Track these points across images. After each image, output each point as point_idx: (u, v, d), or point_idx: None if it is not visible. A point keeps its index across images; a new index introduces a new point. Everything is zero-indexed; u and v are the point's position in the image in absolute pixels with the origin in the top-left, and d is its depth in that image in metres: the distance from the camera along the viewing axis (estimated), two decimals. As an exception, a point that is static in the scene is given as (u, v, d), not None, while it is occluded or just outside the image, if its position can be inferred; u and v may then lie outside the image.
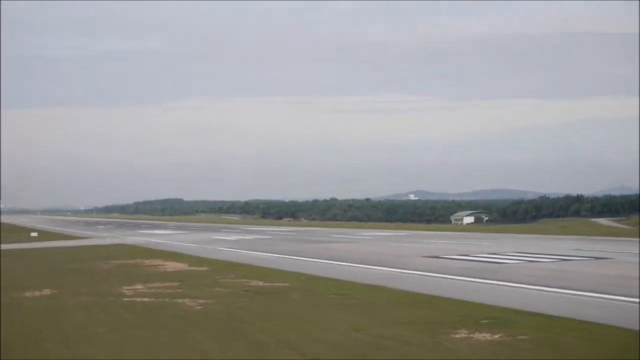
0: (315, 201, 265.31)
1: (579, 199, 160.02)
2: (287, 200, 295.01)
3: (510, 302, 18.31)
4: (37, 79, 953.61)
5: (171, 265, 33.30)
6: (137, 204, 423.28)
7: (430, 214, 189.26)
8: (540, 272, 25.81)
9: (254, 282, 25.12)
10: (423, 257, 33.79)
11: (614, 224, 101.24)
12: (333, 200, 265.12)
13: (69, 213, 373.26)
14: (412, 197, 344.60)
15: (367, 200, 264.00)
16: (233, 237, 61.16)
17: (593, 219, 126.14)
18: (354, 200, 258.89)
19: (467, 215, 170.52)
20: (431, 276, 25.45)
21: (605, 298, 18.85)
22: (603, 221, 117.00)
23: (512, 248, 38.43)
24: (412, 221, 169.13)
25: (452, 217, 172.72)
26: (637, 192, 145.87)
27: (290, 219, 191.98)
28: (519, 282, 22.47)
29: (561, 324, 15.21)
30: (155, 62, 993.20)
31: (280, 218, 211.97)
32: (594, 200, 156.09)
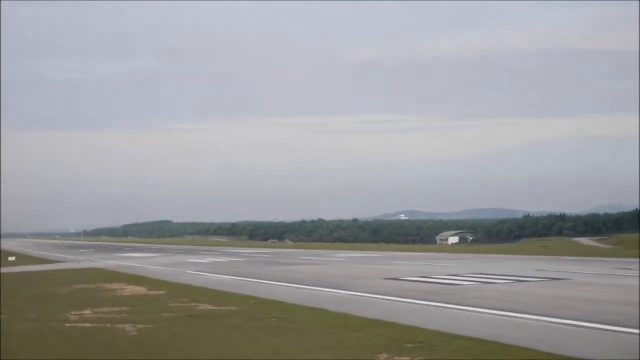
0: (302, 222, 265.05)
1: (562, 217, 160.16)
2: (276, 221, 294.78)
3: (444, 325, 18.26)
4: (31, 102, 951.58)
5: (130, 289, 33.23)
6: (125, 226, 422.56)
7: (415, 234, 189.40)
8: (490, 293, 25.78)
9: (202, 306, 25.08)
10: (383, 279, 33.73)
11: (594, 243, 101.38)
12: (320, 220, 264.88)
13: (58, 236, 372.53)
14: (402, 217, 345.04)
15: (355, 220, 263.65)
16: (207, 260, 61.03)
17: (575, 238, 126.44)
18: (341, 220, 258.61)
19: (452, 235, 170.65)
20: (380, 299, 25.41)
21: (539, 320, 18.79)
22: (584, 240, 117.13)
23: (475, 269, 38.37)
24: (397, 241, 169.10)
25: (438, 237, 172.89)
26: (622, 211, 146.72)
27: (275, 240, 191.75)
28: (463, 305, 22.42)
29: (482, 347, 15.15)
30: (150, 82, 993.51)
31: (267, 239, 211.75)
32: (576, 219, 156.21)
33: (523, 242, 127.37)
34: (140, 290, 32.91)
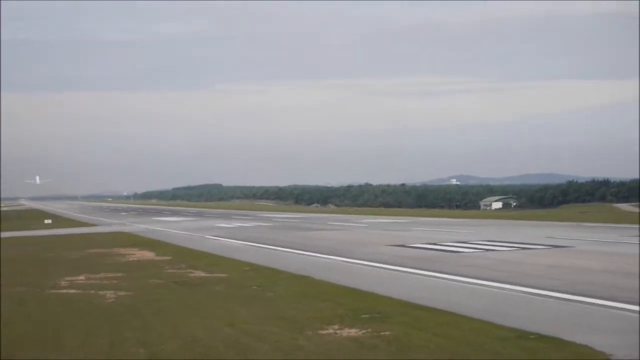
0: (349, 187, 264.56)
1: (605, 183, 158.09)
2: (327, 186, 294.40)
3: (414, 295, 18.25)
4: (87, 62, 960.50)
5: (139, 255, 33.65)
6: (175, 189, 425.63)
7: (460, 199, 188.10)
8: (483, 261, 25.64)
9: (195, 273, 25.33)
10: (388, 245, 33.73)
11: (634, 209, 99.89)
12: (367, 185, 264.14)
13: (110, 199, 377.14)
14: (454, 181, 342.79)
15: (402, 185, 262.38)
16: (234, 225, 61.43)
17: (616, 204, 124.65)
18: (388, 185, 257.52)
19: (495, 201, 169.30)
20: (372, 266, 25.41)
21: (510, 290, 18.62)
22: (624, 206, 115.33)
23: (489, 236, 38.10)
24: (442, 207, 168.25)
25: (482, 203, 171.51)
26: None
27: (318, 205, 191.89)
28: (449, 273, 22.33)
29: (434, 318, 15.08)
30: (201, 45, 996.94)
31: (312, 204, 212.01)
32: (620, 185, 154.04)
33: (564, 207, 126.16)
34: (148, 255, 33.27)
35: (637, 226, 43.78)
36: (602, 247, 30.44)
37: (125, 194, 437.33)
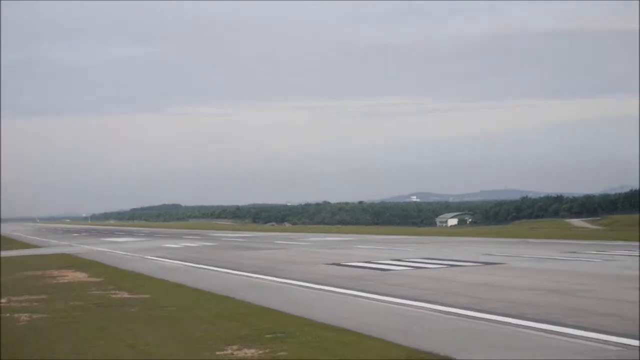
0: (307, 205, 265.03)
1: (558, 199, 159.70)
2: (287, 204, 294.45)
3: (325, 314, 18.18)
4: (46, 87, 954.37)
5: (72, 276, 33.22)
6: (134, 210, 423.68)
7: (416, 216, 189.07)
8: (410, 279, 25.64)
9: (119, 294, 25.07)
10: (323, 264, 33.63)
11: (585, 224, 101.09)
12: (325, 203, 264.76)
13: (68, 220, 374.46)
14: (414, 198, 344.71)
15: (360, 203, 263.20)
16: (181, 245, 61.02)
17: (568, 220, 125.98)
18: (346, 203, 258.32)
19: (451, 217, 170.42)
20: (296, 285, 25.33)
21: (417, 307, 18.57)
22: (576, 222, 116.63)
23: (426, 254, 38.15)
24: (398, 224, 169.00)
25: (437, 219, 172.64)
26: (617, 192, 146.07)
27: (274, 223, 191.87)
28: (374, 292, 22.26)
29: (337, 338, 15.02)
30: (159, 67, 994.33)
31: (274, 222, 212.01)
32: (572, 200, 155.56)
33: (516, 223, 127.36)
34: (80, 277, 32.88)
35: (580, 242, 44.14)
36: (535, 263, 30.55)
37: (84, 215, 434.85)
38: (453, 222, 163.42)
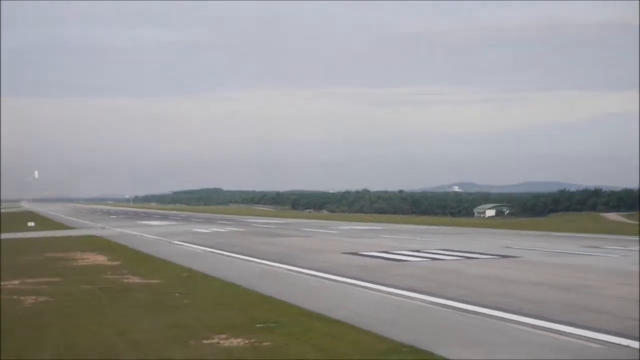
0: (346, 192, 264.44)
1: (596, 192, 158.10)
2: (330, 192, 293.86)
3: (324, 305, 18.16)
4: (89, 69, 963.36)
5: (92, 259, 33.58)
6: (175, 193, 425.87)
7: (454, 206, 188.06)
8: (422, 271, 25.66)
9: (132, 279, 25.28)
10: (342, 253, 33.64)
11: (621, 219, 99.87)
12: (365, 191, 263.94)
13: (110, 202, 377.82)
14: (456, 188, 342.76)
15: (400, 192, 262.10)
16: (210, 230, 61.33)
17: (604, 214, 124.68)
18: (385, 191, 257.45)
19: (489, 209, 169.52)
20: (307, 274, 25.40)
21: (420, 300, 18.51)
22: (611, 216, 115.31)
23: (447, 245, 38.02)
24: (436, 214, 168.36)
25: (475, 210, 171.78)
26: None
27: (312, 210, 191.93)
28: (382, 283, 22.23)
29: (327, 329, 15.01)
30: (203, 52, 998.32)
31: (311, 209, 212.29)
32: (610, 194, 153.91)
33: (552, 216, 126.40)
34: (100, 260, 33.20)
35: (607, 236, 43.74)
36: (550, 257, 30.29)
37: (127, 196, 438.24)
38: (491, 213, 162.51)
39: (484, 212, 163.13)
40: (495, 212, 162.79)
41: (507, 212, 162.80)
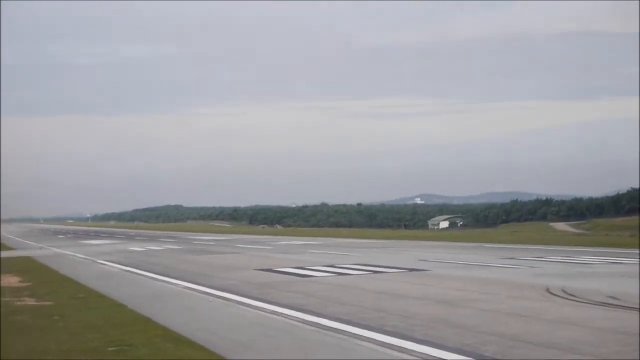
0: (304, 207, 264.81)
1: (547, 202, 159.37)
2: (293, 206, 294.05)
3: (189, 325, 17.91)
4: (54, 86, 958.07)
5: (6, 281, 33.07)
6: (135, 211, 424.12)
7: (409, 219, 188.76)
8: (318, 286, 25.55)
9: (26, 301, 24.86)
10: (254, 270, 33.46)
11: (568, 228, 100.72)
12: (323, 205, 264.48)
13: (71, 221, 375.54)
14: (418, 200, 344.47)
15: (359, 205, 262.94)
16: (146, 248, 60.97)
17: (552, 223, 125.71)
18: (343, 205, 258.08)
19: (443, 220, 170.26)
20: (203, 292, 25.23)
21: (292, 317, 18.32)
22: (559, 225, 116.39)
23: (368, 259, 38.04)
24: (390, 226, 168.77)
25: (430, 222, 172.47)
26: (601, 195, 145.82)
27: (265, 226, 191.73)
28: (270, 300, 22.05)
29: (178, 353, 14.75)
30: (165, 67, 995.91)
31: (267, 224, 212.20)
32: (560, 204, 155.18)
33: (502, 227, 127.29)
34: (12, 281, 32.71)
35: (541, 247, 44.01)
36: (458, 270, 30.31)
37: (88, 215, 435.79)
38: (444, 224, 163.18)
39: (438, 224, 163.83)
40: (449, 224, 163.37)
41: (461, 223, 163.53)
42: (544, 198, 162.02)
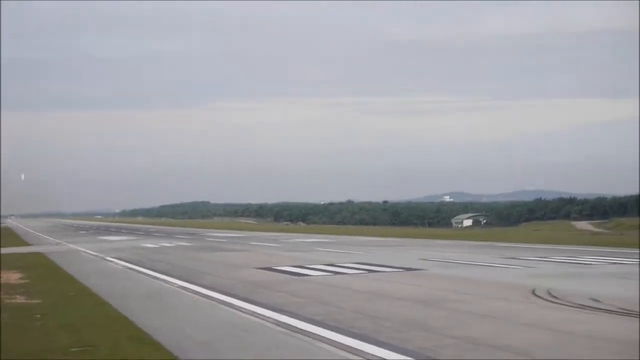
0: (330, 204, 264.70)
1: (570, 201, 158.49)
2: (322, 203, 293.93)
3: (161, 326, 17.88)
4: (81, 81, 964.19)
5: (5, 277, 33.22)
6: (162, 207, 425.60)
7: (433, 217, 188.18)
8: (310, 286, 25.55)
9: (16, 299, 24.91)
10: (255, 268, 33.41)
11: (590, 227, 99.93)
12: (348, 202, 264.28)
13: (99, 217, 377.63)
14: (447, 198, 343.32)
15: (385, 202, 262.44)
16: (158, 244, 61.12)
17: (574, 222, 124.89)
18: (369, 202, 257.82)
19: (466, 218, 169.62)
20: (194, 292, 25.30)
21: (266, 318, 18.26)
22: (581, 224, 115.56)
23: (367, 258, 37.92)
24: (415, 224, 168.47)
25: (453, 220, 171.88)
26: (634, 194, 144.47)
27: (288, 223, 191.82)
28: (257, 301, 21.97)
29: (138, 348, 14.72)
30: (189, 63, 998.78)
31: (291, 221, 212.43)
32: (584, 202, 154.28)
33: (524, 225, 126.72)
34: (12, 278, 32.84)
35: (555, 247, 43.69)
36: (453, 270, 30.13)
37: (117, 210, 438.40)
38: (468, 223, 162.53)
39: (462, 222, 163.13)
40: (472, 222, 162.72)
41: (484, 221, 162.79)
42: (567, 197, 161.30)
